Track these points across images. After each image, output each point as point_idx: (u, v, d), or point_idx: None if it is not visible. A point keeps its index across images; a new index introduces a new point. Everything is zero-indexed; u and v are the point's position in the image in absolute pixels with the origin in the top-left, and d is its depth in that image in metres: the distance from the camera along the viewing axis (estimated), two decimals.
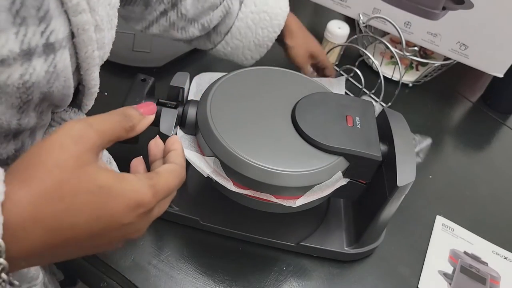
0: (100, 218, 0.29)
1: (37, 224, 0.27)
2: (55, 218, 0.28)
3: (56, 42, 0.33)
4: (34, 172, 0.28)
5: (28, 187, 0.27)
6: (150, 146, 0.38)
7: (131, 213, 0.30)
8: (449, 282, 0.62)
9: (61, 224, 0.28)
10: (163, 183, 0.32)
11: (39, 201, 0.27)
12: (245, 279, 0.58)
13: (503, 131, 0.92)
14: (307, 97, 0.57)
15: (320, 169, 0.50)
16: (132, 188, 0.30)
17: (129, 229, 0.31)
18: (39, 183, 0.27)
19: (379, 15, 0.86)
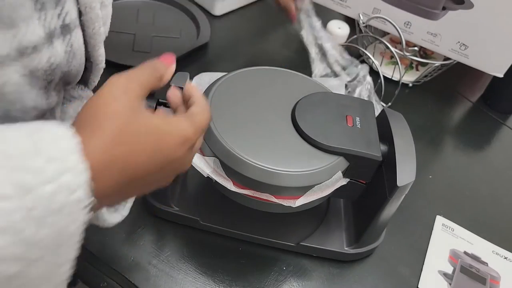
0: (157, 155, 0.33)
1: (109, 167, 0.31)
2: (123, 160, 0.31)
3: (71, 22, 0.36)
4: (98, 122, 0.31)
5: (97, 136, 0.31)
6: (169, 97, 0.42)
7: (180, 147, 0.35)
8: (449, 282, 0.62)
9: (129, 164, 0.32)
10: (199, 121, 0.37)
11: (109, 147, 0.31)
12: (245, 279, 0.58)
13: (503, 131, 0.92)
14: (307, 97, 0.57)
15: (320, 169, 0.50)
16: (178, 127, 0.35)
17: (179, 163, 0.36)
18: (105, 131, 0.31)
19: (379, 15, 0.86)
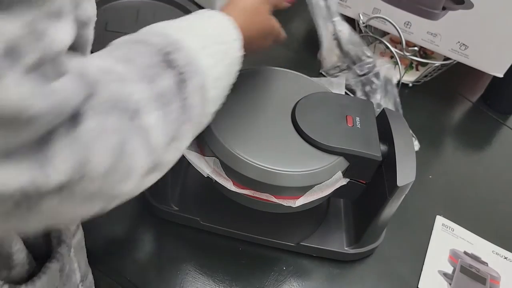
0: (264, 26, 0.51)
1: (244, 28, 0.45)
2: (250, 26, 0.47)
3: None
4: (237, 3, 0.48)
5: (238, 10, 0.47)
6: None
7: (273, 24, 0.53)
8: (449, 282, 0.62)
9: (251, 30, 0.47)
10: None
11: (243, 17, 0.46)
12: (245, 279, 0.58)
13: (503, 131, 0.92)
14: (307, 97, 0.57)
15: (320, 169, 0.50)
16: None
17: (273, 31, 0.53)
18: (243, 7, 0.48)
19: (379, 15, 0.86)
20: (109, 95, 0.29)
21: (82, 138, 0.26)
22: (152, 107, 0.31)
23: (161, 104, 0.32)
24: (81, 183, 0.27)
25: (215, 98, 0.40)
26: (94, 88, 0.28)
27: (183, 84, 0.34)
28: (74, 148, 0.26)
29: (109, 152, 0.28)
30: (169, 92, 0.33)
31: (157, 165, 0.34)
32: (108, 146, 0.28)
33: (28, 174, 0.24)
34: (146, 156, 0.32)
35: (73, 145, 0.26)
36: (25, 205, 0.25)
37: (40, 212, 0.26)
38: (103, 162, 0.28)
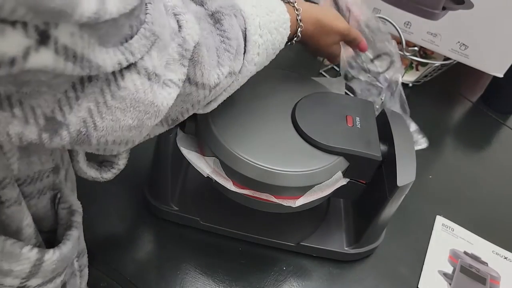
0: (332, 26, 0.58)
1: (307, 23, 0.54)
2: (316, 22, 0.55)
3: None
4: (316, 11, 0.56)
5: (311, 17, 0.54)
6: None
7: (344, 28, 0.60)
8: (449, 282, 0.62)
9: (319, 26, 0.56)
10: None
11: (312, 27, 0.55)
12: (245, 279, 0.58)
13: (503, 131, 0.92)
14: (307, 97, 0.57)
15: (320, 169, 0.50)
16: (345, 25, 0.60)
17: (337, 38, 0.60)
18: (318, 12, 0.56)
19: (379, 15, 0.86)
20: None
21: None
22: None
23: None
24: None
25: (260, 44, 0.45)
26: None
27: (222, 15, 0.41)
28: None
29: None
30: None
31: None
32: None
33: (116, 57, 0.29)
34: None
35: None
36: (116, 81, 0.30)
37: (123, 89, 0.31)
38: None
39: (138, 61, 0.31)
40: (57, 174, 0.44)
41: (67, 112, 0.29)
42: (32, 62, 0.24)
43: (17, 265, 0.38)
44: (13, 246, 0.38)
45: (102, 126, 0.31)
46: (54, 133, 0.29)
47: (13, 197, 0.38)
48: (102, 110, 0.31)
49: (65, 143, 0.30)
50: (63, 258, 0.42)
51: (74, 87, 0.29)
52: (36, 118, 0.28)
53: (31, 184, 0.41)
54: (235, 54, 0.42)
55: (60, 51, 0.25)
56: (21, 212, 0.39)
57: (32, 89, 0.27)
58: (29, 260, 0.39)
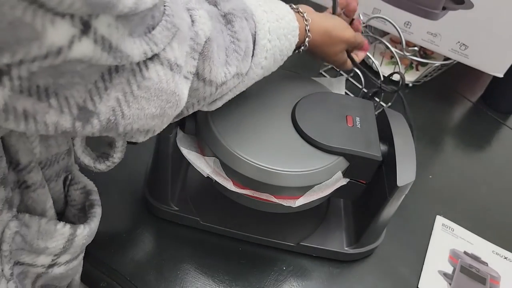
0: (340, 36, 0.59)
1: (316, 33, 0.55)
2: (324, 32, 0.57)
3: None
4: (324, 21, 0.57)
5: (318, 24, 0.55)
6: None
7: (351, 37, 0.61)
8: (449, 282, 0.62)
9: (327, 36, 0.57)
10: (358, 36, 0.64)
11: (320, 37, 0.56)
12: (245, 279, 0.58)
13: (503, 131, 0.92)
14: (307, 97, 0.57)
15: (320, 169, 0.50)
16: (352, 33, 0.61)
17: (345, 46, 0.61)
18: (325, 28, 0.57)
19: (379, 15, 0.86)
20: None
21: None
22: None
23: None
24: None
25: (268, 48, 0.46)
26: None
27: (233, 17, 0.42)
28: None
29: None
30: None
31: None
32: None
33: (142, 47, 0.31)
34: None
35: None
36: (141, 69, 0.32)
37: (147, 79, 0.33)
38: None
39: (161, 52, 0.33)
40: (70, 156, 0.46)
41: (97, 102, 0.31)
42: (75, 51, 0.26)
43: (52, 242, 0.41)
44: (48, 224, 0.41)
45: (129, 114, 0.33)
46: (86, 121, 0.31)
47: (38, 181, 0.41)
48: (129, 99, 0.33)
49: (96, 131, 0.32)
50: (92, 233, 0.45)
51: (103, 77, 0.30)
52: (70, 108, 0.30)
53: (50, 167, 0.43)
54: (243, 55, 0.43)
55: (98, 41, 0.27)
56: (45, 194, 0.42)
57: (67, 80, 0.28)
58: (64, 235, 0.42)
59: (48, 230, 0.41)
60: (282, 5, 0.50)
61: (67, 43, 0.25)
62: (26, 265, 0.41)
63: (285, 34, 0.48)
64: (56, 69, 0.27)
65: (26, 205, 0.41)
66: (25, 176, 0.40)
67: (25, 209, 0.41)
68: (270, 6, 0.47)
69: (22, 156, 0.39)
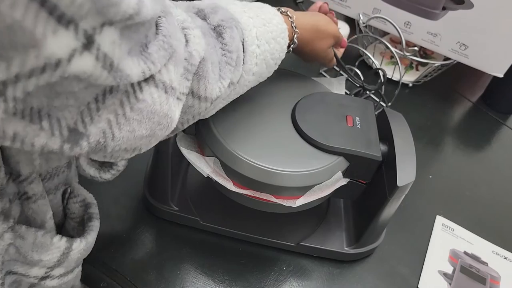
0: (327, 30, 0.59)
1: (303, 29, 0.54)
2: (311, 28, 0.56)
3: None
4: (309, 16, 0.57)
5: (304, 22, 0.55)
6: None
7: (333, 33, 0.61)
8: (449, 282, 0.62)
9: (315, 31, 0.57)
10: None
11: (307, 33, 0.55)
12: (245, 279, 0.58)
13: (503, 131, 0.92)
14: (307, 97, 0.57)
15: (320, 169, 0.50)
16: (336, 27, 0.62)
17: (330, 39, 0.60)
18: (311, 23, 0.56)
19: (379, 15, 0.86)
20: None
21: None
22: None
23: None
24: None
25: (257, 54, 0.46)
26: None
27: (221, 29, 0.42)
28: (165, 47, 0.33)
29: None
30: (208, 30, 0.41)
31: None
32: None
33: (140, 66, 0.30)
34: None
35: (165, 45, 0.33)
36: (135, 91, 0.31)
37: (147, 94, 0.32)
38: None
39: (156, 75, 0.32)
40: (70, 169, 0.45)
41: (88, 123, 0.30)
42: (74, 66, 0.25)
43: (47, 255, 0.40)
44: (45, 237, 0.40)
45: (119, 136, 0.32)
46: (75, 144, 0.30)
47: (39, 191, 0.40)
48: (120, 121, 0.32)
49: (84, 152, 0.31)
50: (89, 247, 0.44)
51: (96, 98, 0.30)
52: (61, 130, 0.29)
53: (50, 180, 0.42)
54: (235, 66, 0.43)
55: (100, 58, 0.26)
56: (45, 205, 0.41)
57: (61, 102, 0.28)
58: (59, 249, 0.41)
59: (44, 243, 0.40)
60: (268, 8, 0.50)
61: (67, 56, 0.24)
62: (19, 274, 0.41)
63: (274, 37, 0.48)
64: (52, 88, 0.26)
65: (26, 216, 0.41)
66: (26, 187, 0.39)
67: (25, 220, 0.41)
68: (256, 11, 0.47)
69: (23, 167, 0.38)
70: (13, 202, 0.39)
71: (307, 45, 0.57)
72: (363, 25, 0.89)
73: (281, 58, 0.50)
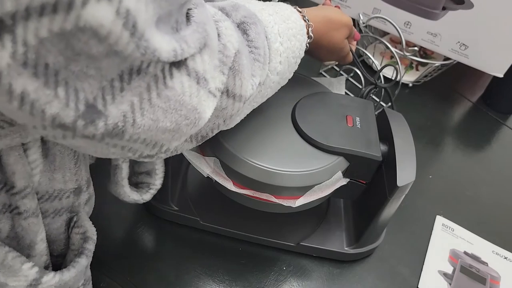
0: (340, 20, 0.56)
1: (316, 22, 0.52)
2: (324, 34, 0.54)
3: None
4: (323, 10, 0.55)
5: (320, 16, 0.53)
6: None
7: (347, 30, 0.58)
8: (449, 282, 0.62)
9: (329, 22, 0.55)
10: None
11: (321, 24, 0.53)
12: (245, 279, 0.58)
13: (503, 131, 0.92)
14: (307, 97, 0.57)
15: (320, 169, 0.50)
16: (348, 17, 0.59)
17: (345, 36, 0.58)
18: (326, 16, 0.54)
19: (379, 15, 0.86)
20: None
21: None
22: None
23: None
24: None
25: (281, 52, 0.44)
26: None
27: (247, 26, 0.40)
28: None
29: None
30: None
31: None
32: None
33: (172, 44, 0.28)
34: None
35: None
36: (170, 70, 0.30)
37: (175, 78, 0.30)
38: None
39: (190, 62, 0.31)
40: (78, 197, 0.42)
41: (109, 102, 0.27)
42: (90, 12, 0.22)
43: (13, 280, 0.37)
44: (14, 260, 0.37)
45: (141, 123, 0.30)
46: (90, 122, 0.27)
47: (31, 208, 0.37)
48: (144, 107, 0.29)
49: (98, 134, 0.28)
50: (63, 284, 0.40)
51: (121, 76, 0.27)
52: (77, 103, 0.26)
53: (48, 201, 0.40)
54: (263, 63, 0.41)
55: (121, 13, 0.23)
56: (37, 225, 0.38)
57: (80, 69, 0.26)
58: (27, 278, 0.38)
59: (12, 267, 0.37)
60: (285, 6, 0.49)
61: None
62: None
63: (294, 34, 0.46)
64: (68, 43, 0.23)
65: (16, 233, 0.38)
66: (18, 202, 0.37)
67: (15, 237, 0.38)
68: (274, 9, 0.46)
69: (18, 179, 0.36)
70: (2, 214, 0.37)
71: (323, 38, 0.54)
72: (363, 25, 0.89)
73: (301, 56, 0.49)
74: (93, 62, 0.25)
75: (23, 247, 0.39)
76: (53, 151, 0.39)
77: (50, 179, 0.39)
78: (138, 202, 0.53)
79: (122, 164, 0.49)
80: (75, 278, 0.41)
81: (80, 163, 0.42)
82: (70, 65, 0.25)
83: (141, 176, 0.54)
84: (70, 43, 0.24)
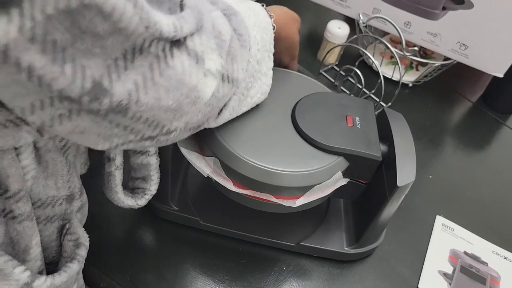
0: (291, 12, 0.57)
1: (275, 13, 0.51)
2: (279, 10, 0.54)
3: None
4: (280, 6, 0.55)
5: (279, 9, 0.54)
6: None
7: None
8: (449, 282, 0.62)
9: (285, 14, 0.55)
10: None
11: (275, 9, 0.52)
12: (245, 279, 0.58)
13: (503, 131, 0.92)
14: (307, 97, 0.57)
15: (320, 169, 0.50)
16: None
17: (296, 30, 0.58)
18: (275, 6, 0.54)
19: (379, 15, 0.86)
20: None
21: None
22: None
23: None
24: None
25: (258, 40, 0.45)
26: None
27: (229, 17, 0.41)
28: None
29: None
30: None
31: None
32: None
33: (171, 20, 0.30)
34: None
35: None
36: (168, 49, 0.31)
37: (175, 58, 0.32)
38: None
39: (189, 43, 0.32)
40: (70, 204, 0.43)
41: (115, 80, 0.28)
42: None
43: (4, 284, 0.37)
44: (6, 264, 0.37)
45: (144, 101, 0.31)
46: (95, 99, 0.28)
47: (26, 212, 0.37)
48: (148, 85, 0.30)
49: (102, 109, 0.29)
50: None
51: (125, 55, 0.28)
52: (84, 79, 0.27)
53: (40, 208, 0.40)
54: (248, 49, 0.42)
55: None
56: (32, 228, 0.38)
57: (86, 47, 0.26)
58: (18, 282, 0.37)
59: (3, 271, 0.36)
60: (252, 2, 0.50)
61: None
62: None
63: (264, 28, 0.47)
64: (74, 20, 0.24)
65: (10, 238, 0.38)
66: (12, 205, 0.36)
67: (10, 242, 0.38)
68: (245, 5, 0.47)
69: (12, 182, 0.36)
70: None
71: (282, 30, 0.54)
72: (363, 25, 0.89)
73: (272, 51, 0.49)
74: (98, 40, 0.26)
75: (18, 252, 0.39)
76: (45, 158, 0.39)
77: (43, 186, 0.39)
78: (133, 207, 0.53)
79: (115, 172, 0.50)
80: (66, 284, 0.41)
81: (72, 171, 0.42)
82: (76, 43, 0.26)
83: (137, 181, 0.54)
84: (76, 21, 0.24)
